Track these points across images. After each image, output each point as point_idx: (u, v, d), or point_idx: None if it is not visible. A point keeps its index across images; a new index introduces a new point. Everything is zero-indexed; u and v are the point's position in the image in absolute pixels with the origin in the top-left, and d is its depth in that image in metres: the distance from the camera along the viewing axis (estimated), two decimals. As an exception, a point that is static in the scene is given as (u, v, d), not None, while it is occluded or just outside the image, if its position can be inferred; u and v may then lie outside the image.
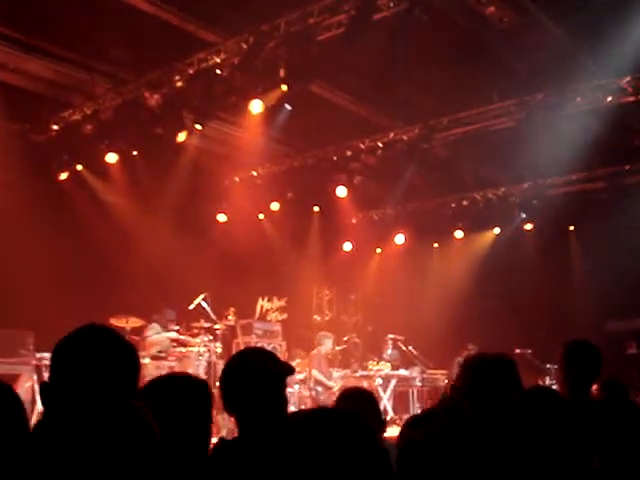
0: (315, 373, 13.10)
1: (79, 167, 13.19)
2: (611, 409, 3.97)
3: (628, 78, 11.27)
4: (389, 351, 15.04)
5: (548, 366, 13.85)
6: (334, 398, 11.04)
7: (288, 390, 3.41)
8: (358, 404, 4.17)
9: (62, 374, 1.99)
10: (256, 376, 3.12)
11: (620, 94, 11.54)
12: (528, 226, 16.38)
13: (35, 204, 11.65)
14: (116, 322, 11.19)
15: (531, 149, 12.05)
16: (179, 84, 11.41)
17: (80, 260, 12.23)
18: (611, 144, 12.48)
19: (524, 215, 16.09)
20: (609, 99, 11.67)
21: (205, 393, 2.96)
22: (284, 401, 3.21)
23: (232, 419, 3.25)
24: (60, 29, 10.84)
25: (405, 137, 13.83)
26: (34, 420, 9.94)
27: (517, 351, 14.20)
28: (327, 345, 13.70)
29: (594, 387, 5.01)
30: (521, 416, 2.38)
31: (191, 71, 11.24)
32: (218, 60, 10.96)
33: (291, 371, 3.28)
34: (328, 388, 13.01)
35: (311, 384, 13.06)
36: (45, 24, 10.71)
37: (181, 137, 12.25)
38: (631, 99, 11.51)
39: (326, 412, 1.86)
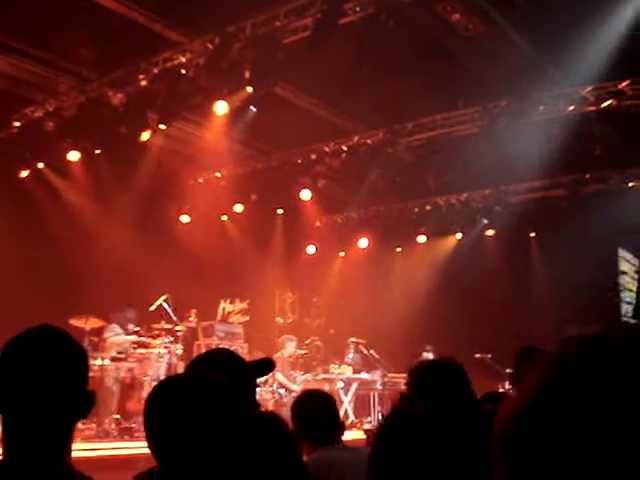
0: (279, 376, 13.07)
1: (40, 165, 13.04)
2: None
3: (590, 88, 11.45)
4: (351, 354, 15.07)
5: (508, 371, 13.94)
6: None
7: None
8: (316, 406, 4.18)
9: (8, 375, 1.97)
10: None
11: (582, 103, 11.72)
12: (490, 232, 16.55)
13: (-6, 201, 11.50)
14: (76, 322, 11.05)
15: (494, 156, 12.15)
16: (143, 83, 11.34)
17: (40, 259, 12.07)
18: (572, 152, 12.64)
19: (486, 221, 16.26)
20: (571, 108, 11.84)
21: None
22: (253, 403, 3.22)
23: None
24: (24, 26, 10.69)
25: (369, 141, 13.89)
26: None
27: (477, 356, 14.31)
28: (290, 348, 13.68)
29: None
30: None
31: (156, 70, 11.17)
32: (183, 60, 10.91)
33: (266, 368, 3.25)
34: (292, 391, 12.99)
35: (274, 387, 13.02)
36: (9, 20, 10.55)
37: (145, 136, 12.17)
38: (592, 108, 11.69)
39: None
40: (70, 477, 1.99)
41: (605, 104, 11.53)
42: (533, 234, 16.98)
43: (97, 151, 12.71)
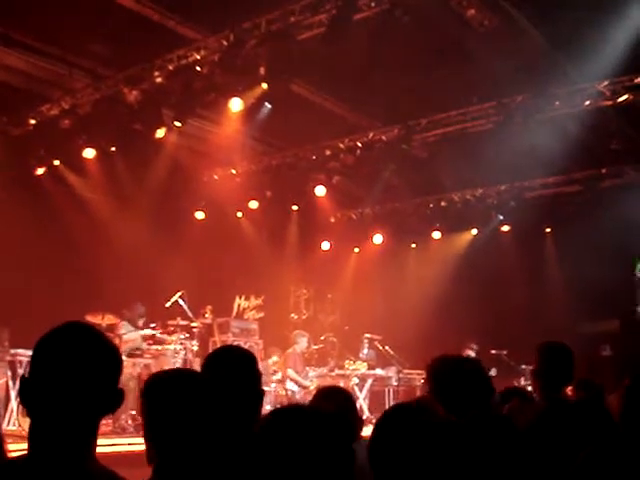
0: (290, 372, 13.09)
1: (56, 162, 13.07)
2: (584, 409, 4.01)
3: (606, 82, 11.37)
4: (365, 350, 15.07)
5: (523, 367, 13.93)
6: (309, 397, 10.99)
7: (264, 388, 3.43)
8: (336, 402, 4.17)
9: (44, 370, 1.98)
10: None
11: (598, 98, 11.65)
12: (505, 228, 16.49)
13: (11, 199, 11.58)
14: (92, 319, 11.11)
15: (509, 151, 12.10)
16: (158, 80, 11.35)
17: (56, 256, 12.14)
18: (588, 148, 12.58)
19: (501, 217, 16.19)
20: (587, 103, 11.77)
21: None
22: (260, 398, 3.24)
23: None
24: (40, 23, 10.74)
25: (384, 137, 13.86)
26: (7, 417, 9.83)
27: (492, 352, 14.29)
28: (302, 344, 13.69)
29: (569, 388, 5.06)
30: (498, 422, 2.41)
31: (171, 67, 11.18)
32: (198, 57, 10.91)
33: None
34: (304, 387, 13.01)
35: (286, 383, 13.05)
36: (25, 18, 10.61)
37: (160, 134, 12.19)
38: (608, 103, 11.61)
39: (299, 411, 1.88)
40: (99, 473, 2.00)
41: (621, 99, 11.44)
42: (549, 230, 16.90)
43: (112, 148, 12.75)
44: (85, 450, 1.98)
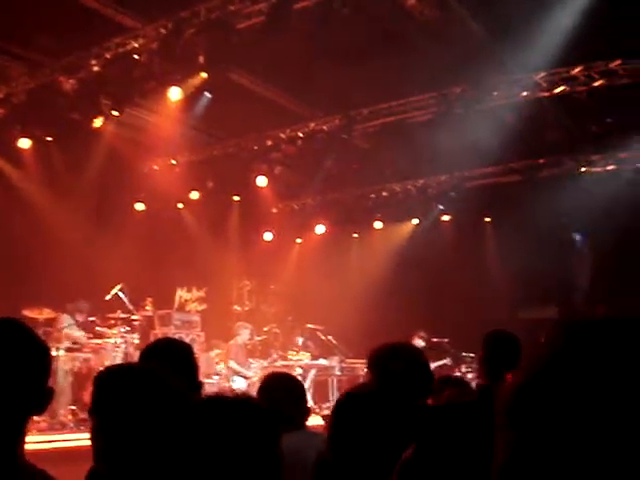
0: (232, 364, 13.04)
1: (-10, 152, 12.77)
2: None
3: (543, 74, 11.56)
4: (300, 339, 15.09)
5: (464, 354, 14.14)
6: (253, 388, 10.94)
7: (207, 381, 3.41)
8: (283, 389, 4.13)
9: None
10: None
11: (535, 89, 11.84)
12: (445, 217, 16.69)
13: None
14: (30, 313, 10.89)
15: (449, 142, 12.22)
16: (96, 69, 11.15)
17: (-9, 249, 11.86)
18: (526, 138, 12.78)
19: (441, 207, 16.37)
20: (524, 94, 11.96)
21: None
22: (198, 390, 3.23)
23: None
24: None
25: (325, 127, 13.88)
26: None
27: (434, 340, 14.45)
28: (244, 335, 13.65)
29: (509, 375, 5.12)
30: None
31: (108, 56, 10.99)
32: (136, 45, 10.75)
33: None
34: (246, 378, 12.97)
35: (229, 375, 12.99)
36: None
37: (97, 123, 11.98)
38: (545, 94, 11.82)
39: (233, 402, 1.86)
40: (23, 471, 1.94)
41: (558, 90, 11.66)
42: (488, 219, 17.16)
43: (49, 138, 12.50)
44: (11, 451, 1.92)
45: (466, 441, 2.04)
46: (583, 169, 14.50)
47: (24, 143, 12.28)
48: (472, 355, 13.84)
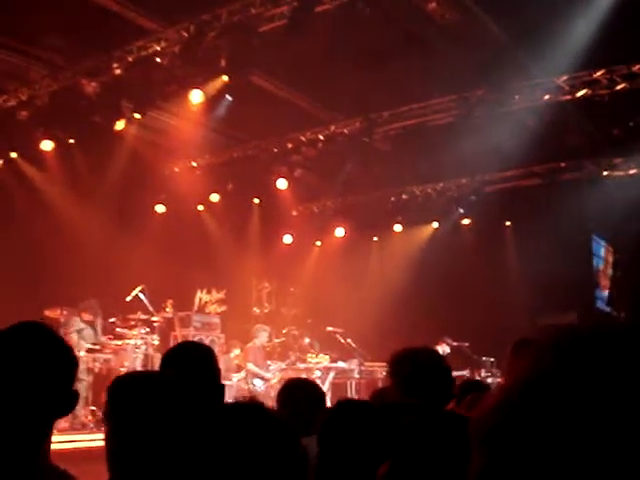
0: (250, 366, 13.04)
1: (13, 155, 12.88)
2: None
3: (565, 77, 11.50)
4: (307, 339, 15.08)
5: (484, 359, 14.07)
6: (272, 390, 10.94)
7: (226, 383, 3.42)
8: (302, 394, 4.15)
9: None
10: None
11: (557, 92, 11.77)
12: (466, 221, 16.62)
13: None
14: (51, 314, 10.97)
15: (469, 145, 12.18)
16: (118, 72, 11.22)
17: (14, 250, 11.95)
18: (547, 141, 12.70)
19: (462, 210, 16.31)
20: (546, 97, 11.90)
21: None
22: (221, 393, 3.23)
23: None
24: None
25: (346, 130, 13.88)
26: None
27: (454, 344, 14.37)
28: (262, 337, 13.65)
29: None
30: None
31: (130, 59, 11.05)
32: (158, 48, 10.81)
33: None
34: (266, 380, 12.98)
35: (248, 377, 13.00)
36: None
37: (119, 126, 12.07)
38: (567, 97, 11.75)
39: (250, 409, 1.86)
40: (48, 472, 1.96)
41: (580, 93, 11.59)
42: (509, 223, 17.08)
43: (71, 140, 12.59)
44: (36, 452, 1.94)
45: (442, 457, 2.03)
46: (605, 173, 14.41)
47: (47, 145, 12.38)
48: (492, 360, 13.79)
